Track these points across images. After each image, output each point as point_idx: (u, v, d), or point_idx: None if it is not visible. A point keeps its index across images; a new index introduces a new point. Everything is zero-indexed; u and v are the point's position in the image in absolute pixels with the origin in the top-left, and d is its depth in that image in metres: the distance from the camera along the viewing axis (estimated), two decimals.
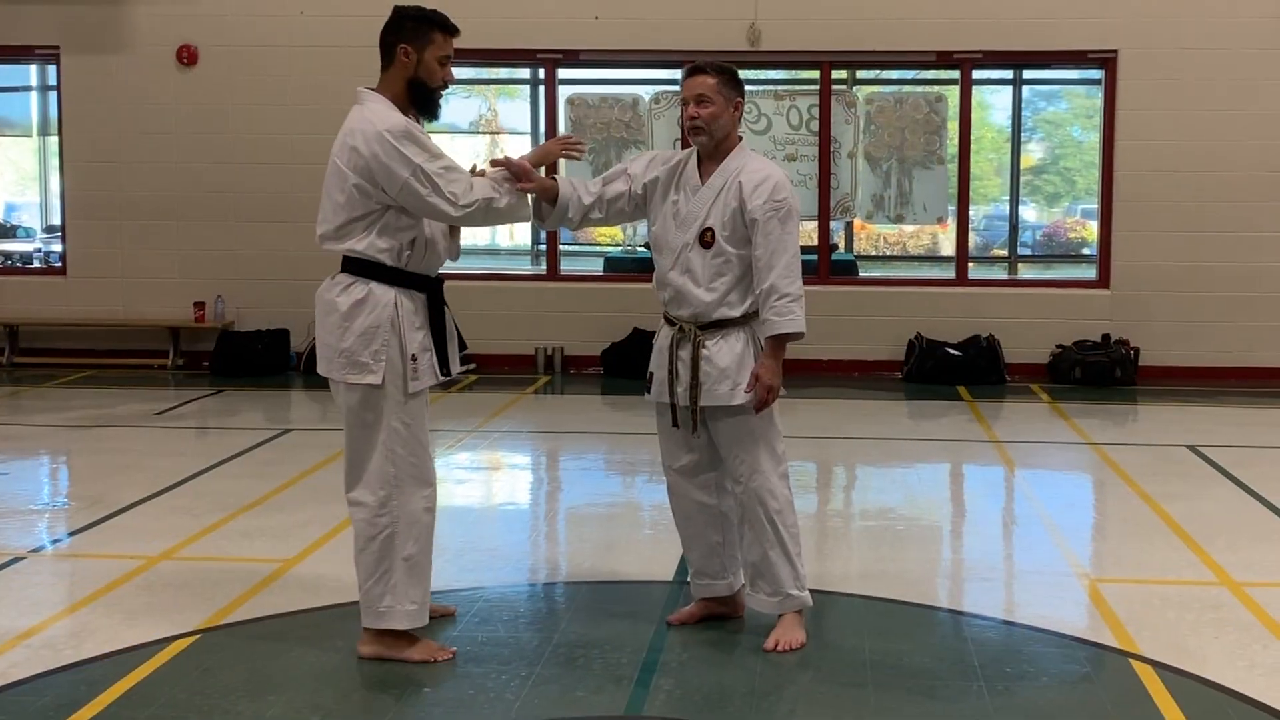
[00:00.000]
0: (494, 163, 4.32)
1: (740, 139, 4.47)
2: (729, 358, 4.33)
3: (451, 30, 4.25)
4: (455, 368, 4.36)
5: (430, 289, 4.26)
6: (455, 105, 15.52)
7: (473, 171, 4.37)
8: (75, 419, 8.57)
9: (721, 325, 4.35)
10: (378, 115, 4.13)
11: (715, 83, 4.36)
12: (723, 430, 4.39)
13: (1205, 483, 6.91)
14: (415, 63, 4.20)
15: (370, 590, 4.19)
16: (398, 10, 4.27)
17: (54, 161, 11.59)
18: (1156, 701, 3.97)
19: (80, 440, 8.03)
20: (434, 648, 4.28)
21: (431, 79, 4.23)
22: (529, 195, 4.33)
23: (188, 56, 10.66)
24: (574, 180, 4.57)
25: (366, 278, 4.16)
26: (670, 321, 4.45)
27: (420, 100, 4.25)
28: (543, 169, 4.49)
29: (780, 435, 4.42)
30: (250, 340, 10.50)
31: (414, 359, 4.17)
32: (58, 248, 11.96)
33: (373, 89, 4.24)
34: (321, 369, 4.24)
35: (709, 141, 4.39)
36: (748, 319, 4.35)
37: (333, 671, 4.20)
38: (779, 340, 4.29)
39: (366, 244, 4.14)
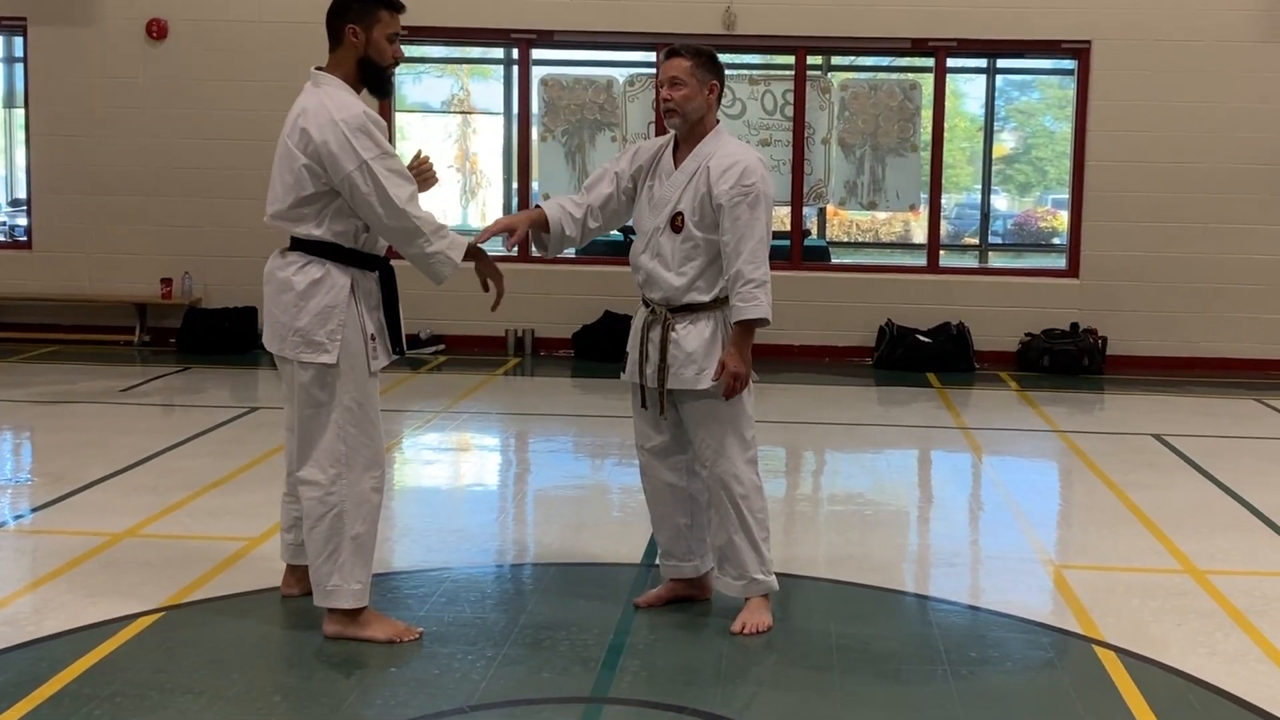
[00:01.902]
0: (478, 239, 4.30)
1: (718, 122, 4.45)
2: (696, 342, 4.32)
3: (398, 7, 4.24)
4: (404, 346, 4.37)
5: (381, 268, 4.25)
6: (427, 84, 15.43)
7: (417, 158, 4.38)
8: (39, 395, 8.49)
9: (692, 309, 4.35)
10: (335, 101, 4.10)
11: (689, 65, 4.34)
12: (689, 414, 4.40)
13: (1171, 472, 6.96)
14: (364, 42, 4.19)
15: (320, 568, 4.18)
16: None
17: (20, 134, 11.46)
18: (1119, 687, 4.00)
19: (44, 416, 7.95)
20: (400, 627, 4.27)
21: (381, 58, 4.21)
22: (466, 253, 4.26)
23: (157, 30, 10.55)
24: (559, 200, 4.56)
25: (323, 257, 4.14)
26: (645, 303, 4.45)
27: (371, 79, 4.23)
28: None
29: (750, 421, 4.41)
30: (217, 318, 10.42)
31: (373, 338, 4.17)
32: (23, 221, 11.82)
33: (323, 69, 4.21)
34: (273, 346, 4.22)
35: (682, 124, 4.38)
36: (718, 304, 4.35)
37: (297, 650, 4.18)
38: (745, 326, 4.28)
39: (324, 229, 4.12)
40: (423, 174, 4.40)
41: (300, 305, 4.12)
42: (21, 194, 12.53)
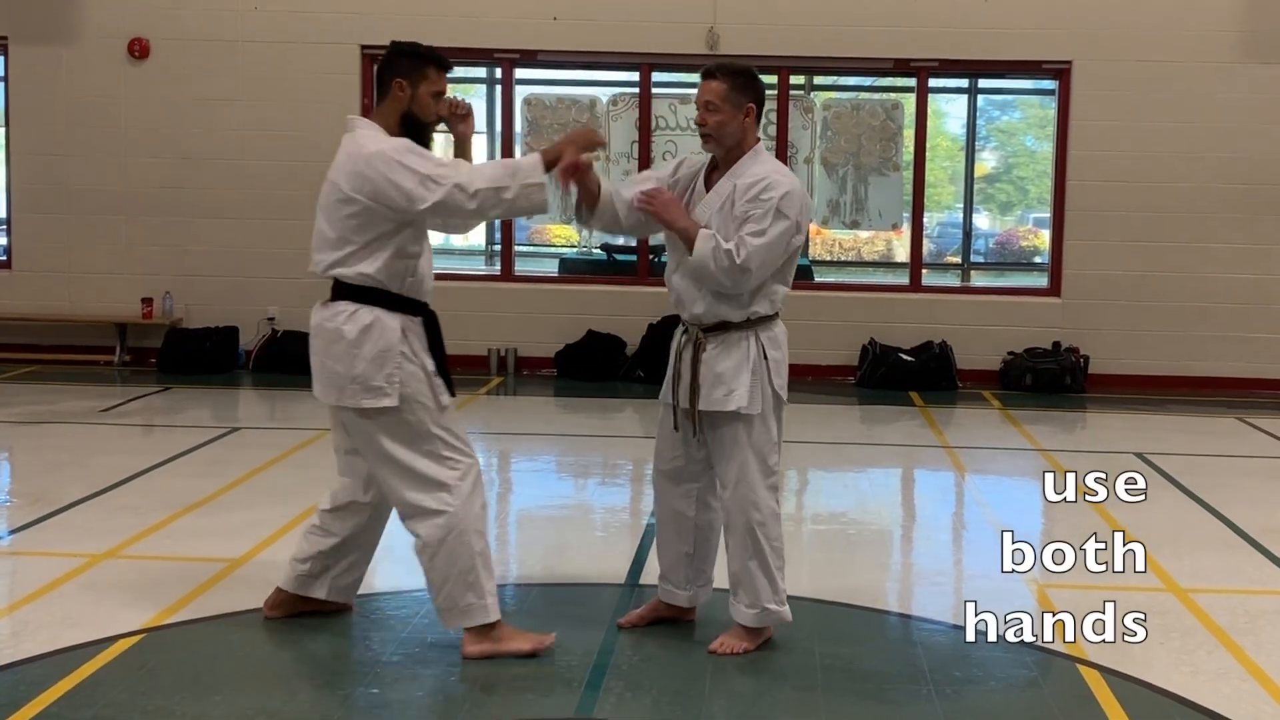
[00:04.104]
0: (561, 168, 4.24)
1: (758, 140, 4.35)
2: (727, 363, 4.25)
3: (445, 66, 4.31)
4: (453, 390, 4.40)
5: (426, 313, 4.29)
6: None
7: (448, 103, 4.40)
8: (18, 415, 8.43)
9: (724, 328, 4.28)
10: (372, 139, 4.17)
11: (725, 89, 4.24)
12: (715, 436, 4.34)
13: (1152, 490, 6.95)
14: (409, 97, 4.25)
15: (450, 592, 4.20)
16: (394, 45, 4.33)
17: (0, 153, 11.38)
18: (1103, 706, 4.00)
19: (23, 437, 7.90)
20: (536, 637, 4.30)
21: (425, 113, 4.28)
22: (557, 191, 4.28)
23: (139, 49, 10.53)
24: (612, 184, 4.51)
25: (370, 304, 4.17)
26: (681, 323, 4.41)
27: (413, 134, 4.28)
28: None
29: (774, 447, 4.33)
30: (198, 337, 10.38)
31: (434, 375, 4.22)
32: (2, 241, 11.76)
33: (361, 118, 4.30)
34: (330, 399, 4.23)
35: (718, 149, 4.30)
36: (751, 324, 4.27)
37: (279, 672, 4.15)
38: (690, 232, 4.17)
39: (376, 268, 4.16)
40: (456, 115, 4.38)
41: (354, 354, 4.14)
42: (1, 214, 12.44)
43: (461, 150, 4.49)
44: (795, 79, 11.14)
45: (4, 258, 11.07)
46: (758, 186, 4.20)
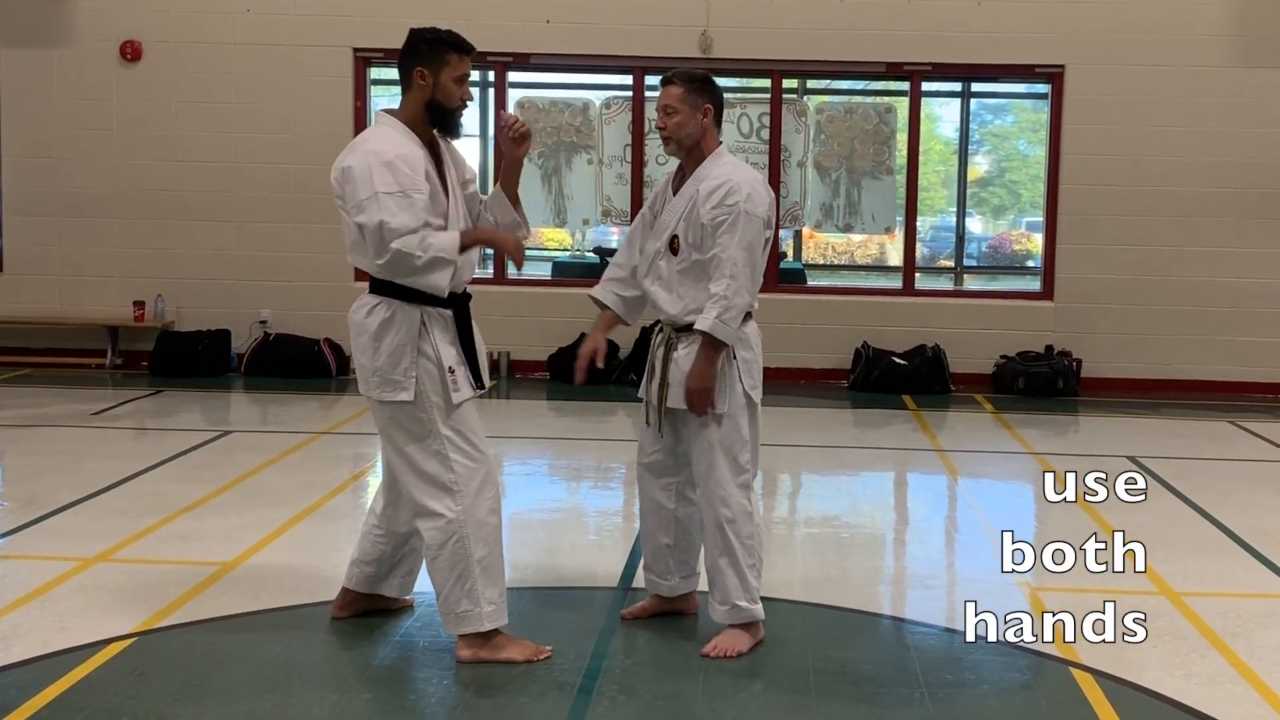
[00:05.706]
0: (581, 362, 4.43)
1: (719, 144, 4.45)
2: (691, 363, 4.32)
3: (467, 50, 4.28)
4: (486, 380, 4.41)
5: (456, 305, 4.27)
6: None
7: (500, 120, 4.41)
8: (9, 419, 8.40)
9: (692, 330, 4.33)
10: (375, 136, 4.18)
11: (680, 92, 4.37)
12: (687, 434, 4.43)
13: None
14: (432, 85, 4.23)
15: (448, 597, 4.20)
16: (412, 34, 4.29)
17: None
18: (1095, 709, 4.01)
19: (14, 440, 7.87)
20: (532, 648, 4.27)
21: (449, 100, 4.25)
22: (455, 264, 4.21)
23: (131, 52, 10.51)
24: (605, 281, 4.60)
25: (391, 297, 4.17)
26: (658, 322, 4.50)
27: (440, 121, 4.28)
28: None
29: (746, 444, 4.37)
30: (190, 340, 10.35)
31: (451, 371, 4.20)
32: None
33: (393, 111, 4.28)
34: (361, 388, 4.27)
35: (679, 150, 4.43)
36: None
37: (271, 676, 4.14)
38: (706, 341, 4.27)
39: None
40: (517, 134, 4.33)
41: (375, 346, 4.16)
42: None
43: (511, 175, 4.41)
44: (788, 82, 11.15)
45: None
46: (719, 192, 4.29)
